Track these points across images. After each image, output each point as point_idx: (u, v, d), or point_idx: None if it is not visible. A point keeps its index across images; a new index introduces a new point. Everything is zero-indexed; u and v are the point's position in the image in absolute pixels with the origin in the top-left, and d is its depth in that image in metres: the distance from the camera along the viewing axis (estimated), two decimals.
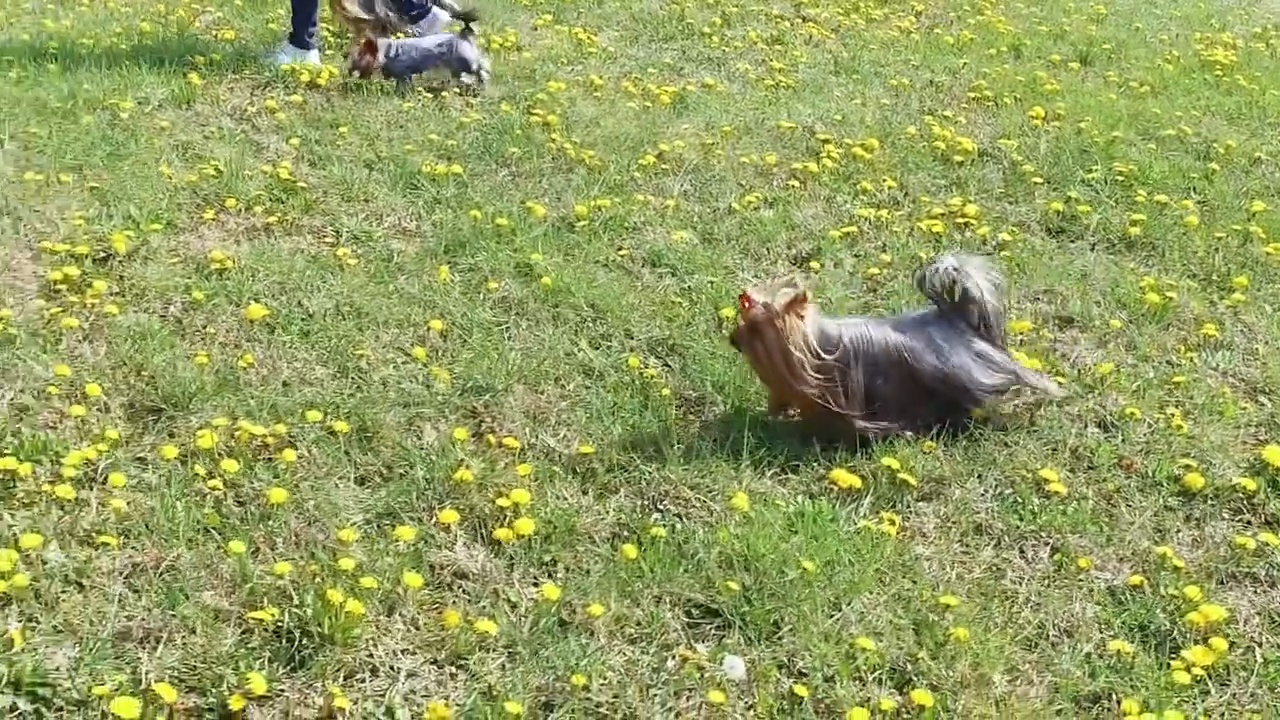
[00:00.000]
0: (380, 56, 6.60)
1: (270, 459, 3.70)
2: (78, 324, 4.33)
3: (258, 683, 2.87)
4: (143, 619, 3.10)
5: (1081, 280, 4.94)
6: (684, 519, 3.55)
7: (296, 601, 3.12)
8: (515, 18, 8.17)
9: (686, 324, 4.48)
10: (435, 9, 7.32)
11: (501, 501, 3.52)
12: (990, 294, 3.83)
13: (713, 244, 5.20)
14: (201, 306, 4.51)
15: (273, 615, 3.07)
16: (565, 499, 3.59)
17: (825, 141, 6.23)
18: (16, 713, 2.83)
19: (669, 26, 8.14)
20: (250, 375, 4.11)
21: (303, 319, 4.45)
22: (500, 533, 3.43)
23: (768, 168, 5.97)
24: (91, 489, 3.56)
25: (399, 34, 7.20)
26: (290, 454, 3.68)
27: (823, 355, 3.71)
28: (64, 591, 3.19)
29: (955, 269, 3.82)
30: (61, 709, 2.85)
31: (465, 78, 6.66)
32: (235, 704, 2.83)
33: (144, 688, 2.87)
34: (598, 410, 3.98)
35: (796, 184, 5.76)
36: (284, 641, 3.05)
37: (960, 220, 5.48)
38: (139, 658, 3.00)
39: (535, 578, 3.34)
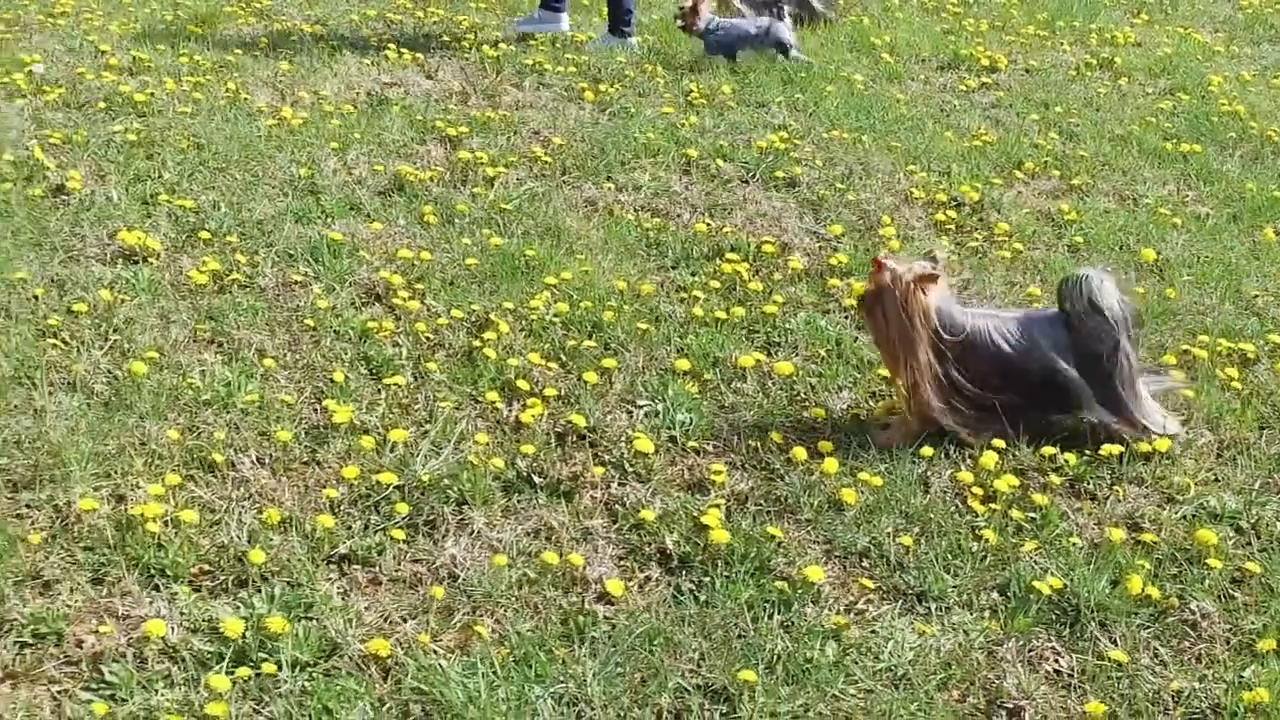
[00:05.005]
0: (700, 24, 7.28)
1: None
2: (1007, 257, 5.17)
3: None
4: None
5: None
6: None
7: None
8: (1111, 15, 8.88)
9: None
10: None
11: None
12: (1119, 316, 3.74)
13: None
14: (1081, 249, 5.32)
15: None
16: None
17: None
18: None
19: (1258, 29, 8.74)
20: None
21: (1167, 265, 5.21)
22: None
23: None
24: None
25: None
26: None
27: (943, 335, 3.66)
28: None
29: (1097, 284, 3.73)
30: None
31: (781, 59, 7.27)
32: None
33: None
34: None
35: None
36: None
37: None
38: None
39: None
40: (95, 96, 6.39)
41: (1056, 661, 3.11)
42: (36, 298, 4.46)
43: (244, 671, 2.90)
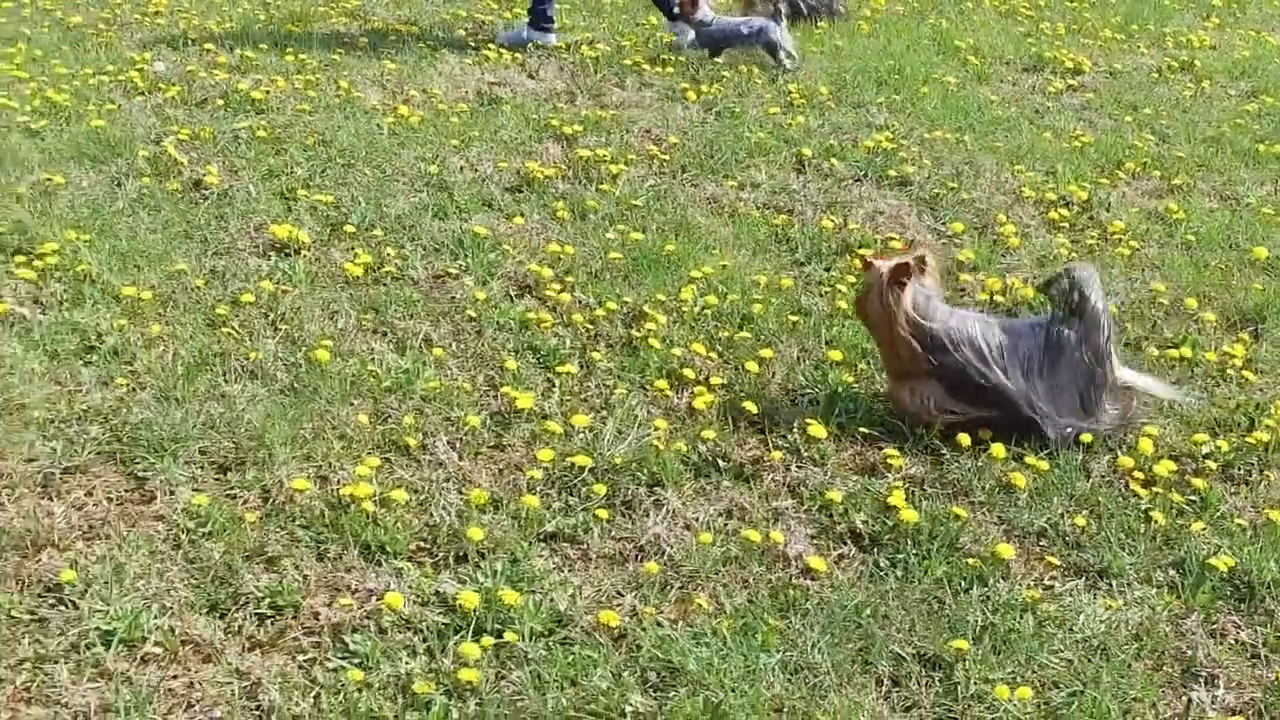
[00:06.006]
0: (698, 14, 7.40)
1: None
2: (1125, 254, 5.37)
3: None
4: None
5: None
6: None
7: None
8: (1183, 19, 9.07)
9: None
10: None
11: None
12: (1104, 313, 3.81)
13: None
14: (1194, 246, 5.52)
15: None
16: None
17: None
18: None
19: None
20: None
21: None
22: None
23: None
24: None
25: None
26: None
27: (922, 322, 3.83)
28: None
29: (1081, 278, 3.81)
30: None
31: (771, 60, 7.42)
32: None
33: None
34: None
35: None
36: None
37: None
38: None
39: None
40: (212, 94, 6.57)
41: (1239, 634, 3.30)
42: (199, 288, 4.64)
43: (487, 640, 3.09)
